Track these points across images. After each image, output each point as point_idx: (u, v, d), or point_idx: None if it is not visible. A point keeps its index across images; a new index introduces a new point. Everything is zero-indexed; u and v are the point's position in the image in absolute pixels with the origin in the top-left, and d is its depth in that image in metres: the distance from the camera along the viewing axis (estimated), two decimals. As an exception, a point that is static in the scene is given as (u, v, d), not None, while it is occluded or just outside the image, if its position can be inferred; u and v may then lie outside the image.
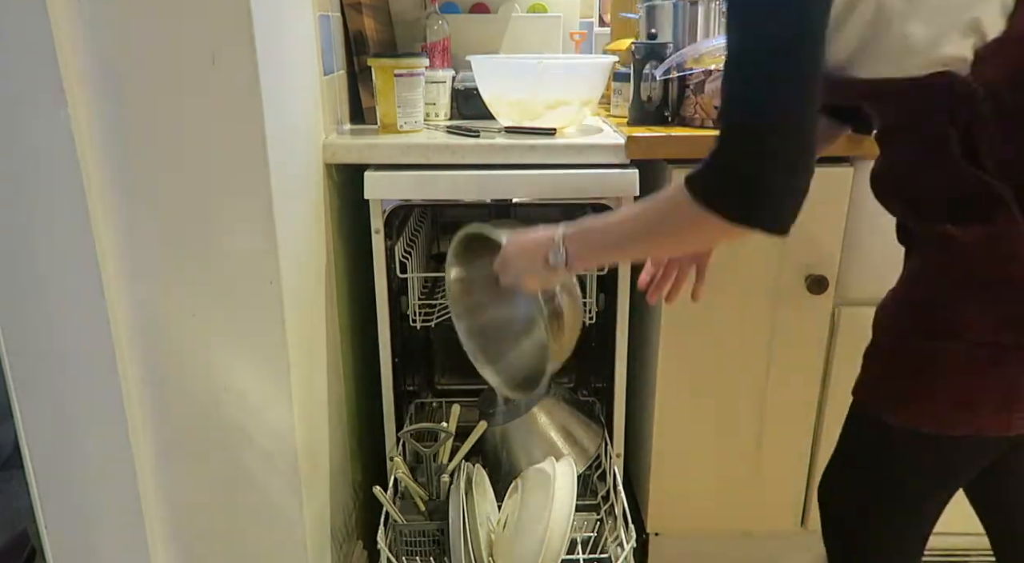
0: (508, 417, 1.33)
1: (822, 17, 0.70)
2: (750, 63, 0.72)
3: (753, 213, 0.72)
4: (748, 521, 1.43)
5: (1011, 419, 0.77)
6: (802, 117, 0.71)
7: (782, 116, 0.70)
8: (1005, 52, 0.71)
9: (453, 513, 1.11)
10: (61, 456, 0.95)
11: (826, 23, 0.71)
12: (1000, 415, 0.77)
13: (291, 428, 1.01)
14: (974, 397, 0.77)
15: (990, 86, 0.71)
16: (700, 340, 1.31)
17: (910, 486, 0.88)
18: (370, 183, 1.21)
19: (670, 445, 1.38)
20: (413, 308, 1.35)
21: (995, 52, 0.71)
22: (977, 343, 0.75)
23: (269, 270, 0.93)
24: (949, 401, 0.78)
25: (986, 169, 0.72)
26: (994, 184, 0.72)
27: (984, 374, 0.76)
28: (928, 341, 0.79)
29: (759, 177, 0.71)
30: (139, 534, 0.99)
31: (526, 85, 1.27)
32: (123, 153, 0.86)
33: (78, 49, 0.82)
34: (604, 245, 0.87)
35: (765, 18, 0.70)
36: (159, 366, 0.95)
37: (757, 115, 0.71)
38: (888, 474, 0.88)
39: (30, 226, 0.86)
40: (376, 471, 1.50)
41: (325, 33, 1.24)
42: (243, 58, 0.84)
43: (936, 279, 0.79)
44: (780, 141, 0.70)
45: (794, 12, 0.69)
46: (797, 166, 0.71)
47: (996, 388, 0.76)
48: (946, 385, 0.78)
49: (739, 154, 0.72)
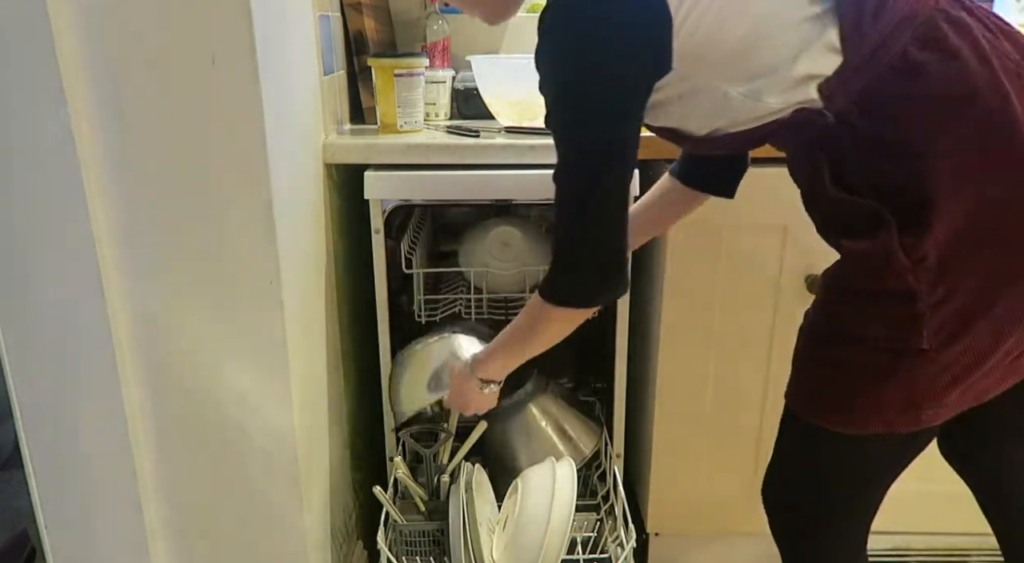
0: (507, 416, 1.33)
1: (624, 141, 0.82)
2: (561, 181, 0.85)
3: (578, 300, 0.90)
4: (748, 521, 1.43)
5: (920, 415, 0.80)
6: (605, 230, 0.85)
7: (588, 231, 0.85)
8: (846, 82, 0.76)
9: (453, 513, 1.11)
10: (61, 456, 0.95)
11: (631, 143, 0.83)
12: (908, 413, 0.80)
13: (291, 428, 1.01)
14: (883, 398, 0.81)
15: (842, 116, 0.77)
16: (700, 340, 1.31)
17: (835, 484, 0.91)
18: (370, 183, 1.21)
19: (670, 445, 1.38)
20: (418, 304, 1.36)
21: (837, 85, 0.77)
22: (877, 348, 0.80)
23: (269, 270, 0.93)
24: (860, 403, 0.82)
25: (858, 191, 0.78)
26: (868, 205, 0.77)
27: (887, 376, 0.79)
28: (837, 348, 0.84)
29: (576, 278, 0.89)
30: (139, 534, 0.99)
31: (526, 85, 1.26)
32: (123, 153, 0.86)
33: (78, 49, 0.82)
34: (504, 356, 1.04)
35: (570, 141, 0.83)
36: (159, 366, 0.95)
37: (570, 230, 0.86)
38: (815, 473, 0.92)
39: (30, 226, 0.86)
40: (376, 471, 1.50)
41: (325, 33, 1.24)
42: (243, 58, 0.84)
43: (839, 288, 0.85)
44: (589, 251, 0.86)
45: (596, 136, 0.82)
46: (606, 266, 0.87)
47: (900, 388, 0.79)
48: (855, 388, 0.83)
49: (561, 261, 0.89)
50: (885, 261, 0.77)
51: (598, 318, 1.37)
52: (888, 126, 0.76)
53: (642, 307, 1.40)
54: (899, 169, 0.76)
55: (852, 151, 0.78)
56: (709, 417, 1.36)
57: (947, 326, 0.76)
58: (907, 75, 0.75)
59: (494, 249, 1.37)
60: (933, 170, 0.74)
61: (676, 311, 1.29)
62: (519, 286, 1.38)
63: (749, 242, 1.25)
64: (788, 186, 0.88)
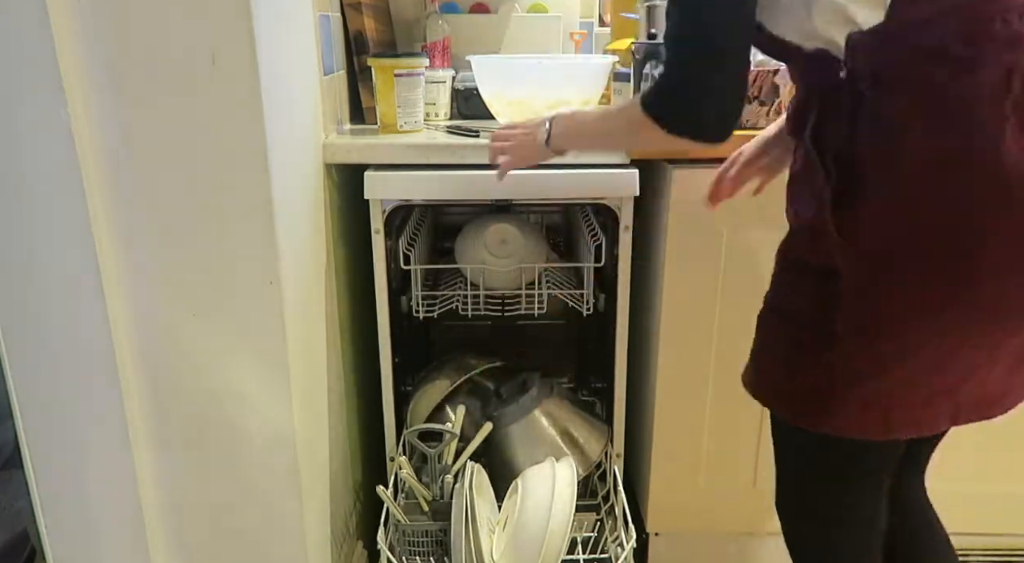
0: (512, 418, 1.33)
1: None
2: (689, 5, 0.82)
3: (678, 124, 0.85)
4: (748, 521, 1.43)
5: (826, 407, 0.82)
6: (729, 51, 0.81)
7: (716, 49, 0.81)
8: (874, 45, 0.74)
9: (456, 513, 1.11)
10: (61, 456, 0.95)
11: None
12: (812, 404, 0.83)
13: (291, 428, 1.01)
14: (794, 382, 0.84)
15: (853, 76, 0.75)
16: (700, 340, 1.31)
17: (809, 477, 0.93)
18: (370, 183, 1.21)
19: (670, 445, 1.38)
20: (416, 299, 1.36)
21: (865, 43, 0.75)
22: (800, 324, 0.83)
23: (269, 270, 0.93)
24: (780, 387, 0.87)
25: (825, 156, 0.78)
26: (823, 174, 0.78)
27: (802, 355, 0.83)
28: (769, 318, 0.90)
29: (689, 95, 0.84)
30: (139, 534, 0.99)
31: (526, 85, 1.27)
32: (123, 153, 0.86)
33: (78, 49, 0.82)
34: (579, 132, 1.03)
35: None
36: (159, 366, 0.95)
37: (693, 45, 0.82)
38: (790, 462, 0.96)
39: (30, 226, 0.86)
40: (377, 471, 1.50)
41: (325, 33, 1.24)
42: (243, 58, 0.84)
43: (780, 259, 0.90)
44: (709, 68, 0.81)
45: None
46: (722, 90, 0.82)
47: (809, 374, 0.82)
48: (775, 367, 0.88)
49: (675, 76, 0.84)
50: (820, 234, 0.78)
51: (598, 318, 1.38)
52: (888, 107, 0.74)
53: (642, 307, 1.40)
54: (873, 153, 0.75)
55: (844, 114, 0.77)
56: (709, 417, 1.36)
57: (859, 317, 0.77)
58: (934, 62, 0.72)
59: (491, 246, 1.38)
60: (903, 168, 0.73)
61: (676, 311, 1.29)
62: (516, 283, 1.38)
63: (749, 242, 1.25)
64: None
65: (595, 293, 1.37)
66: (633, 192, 1.21)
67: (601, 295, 1.37)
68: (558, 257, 1.60)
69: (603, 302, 1.37)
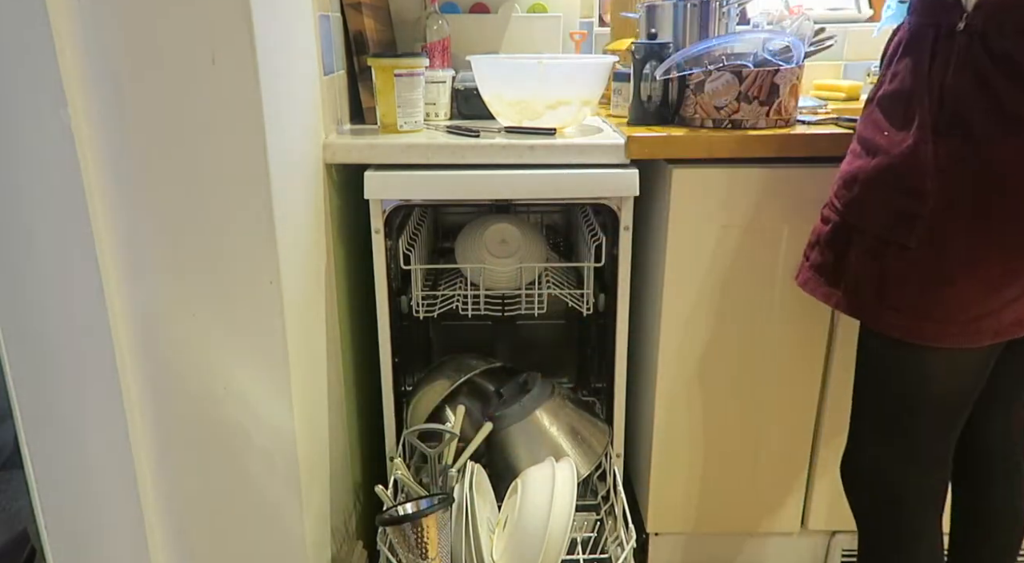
0: (513, 419, 1.33)
1: None
2: None
3: None
4: (748, 521, 1.43)
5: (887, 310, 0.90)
6: None
7: None
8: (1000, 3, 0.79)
9: (455, 512, 1.11)
10: (61, 456, 0.95)
11: None
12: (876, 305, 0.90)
13: (291, 428, 1.01)
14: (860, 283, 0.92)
15: (973, 26, 0.80)
16: (700, 340, 1.31)
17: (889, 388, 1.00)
18: (370, 183, 1.21)
19: (670, 445, 1.38)
20: (416, 299, 1.36)
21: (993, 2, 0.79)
22: (872, 235, 0.89)
23: (269, 270, 0.93)
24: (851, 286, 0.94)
25: (933, 102, 0.83)
26: (919, 107, 0.83)
27: (874, 261, 0.89)
28: (841, 231, 0.94)
29: None
30: (139, 534, 0.99)
31: (526, 85, 1.27)
32: (123, 153, 0.86)
33: (78, 49, 0.82)
34: None
35: None
36: (159, 366, 0.95)
37: None
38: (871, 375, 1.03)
39: (30, 226, 0.86)
40: (376, 471, 1.50)
41: (325, 33, 1.24)
42: (243, 58, 0.84)
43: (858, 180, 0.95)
44: None
45: None
46: None
47: (875, 276, 0.90)
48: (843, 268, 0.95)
49: None
50: (915, 158, 0.84)
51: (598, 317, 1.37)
52: (1005, 55, 0.79)
53: (642, 307, 1.40)
54: (985, 102, 0.80)
55: (958, 61, 0.81)
56: (709, 417, 1.36)
57: (933, 232, 0.84)
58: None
59: (491, 246, 1.38)
60: (1011, 123, 0.79)
61: (676, 311, 1.29)
62: (516, 283, 1.38)
63: (749, 242, 1.25)
64: (788, 186, 0.88)
65: (595, 293, 1.37)
66: (633, 192, 1.21)
67: (601, 295, 1.37)
68: (558, 257, 1.60)
69: (603, 302, 1.37)
